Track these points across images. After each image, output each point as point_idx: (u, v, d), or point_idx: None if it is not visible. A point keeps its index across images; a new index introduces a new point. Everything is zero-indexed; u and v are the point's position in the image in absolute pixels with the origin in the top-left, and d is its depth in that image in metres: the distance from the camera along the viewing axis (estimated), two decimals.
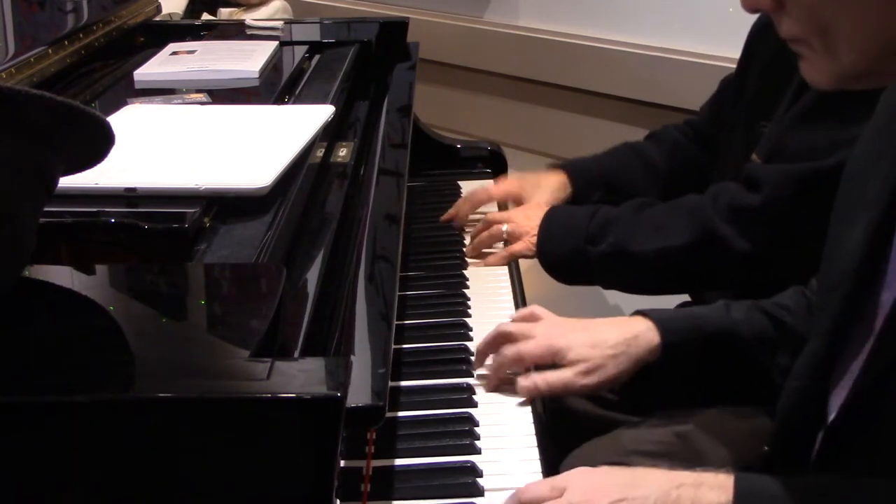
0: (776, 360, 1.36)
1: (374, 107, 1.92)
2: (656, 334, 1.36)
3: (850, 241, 1.11)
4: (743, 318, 1.38)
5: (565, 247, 1.69)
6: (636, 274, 1.67)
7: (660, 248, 1.62)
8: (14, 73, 1.47)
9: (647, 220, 1.66)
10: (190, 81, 1.74)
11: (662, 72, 2.40)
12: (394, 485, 1.20)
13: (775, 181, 1.54)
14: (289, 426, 0.87)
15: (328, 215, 1.41)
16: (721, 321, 1.38)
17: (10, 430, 0.85)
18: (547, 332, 1.40)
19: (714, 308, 1.41)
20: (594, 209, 1.71)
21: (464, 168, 2.17)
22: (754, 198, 1.56)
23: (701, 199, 1.65)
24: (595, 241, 1.66)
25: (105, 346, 0.96)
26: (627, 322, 1.40)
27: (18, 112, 0.94)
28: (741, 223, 1.57)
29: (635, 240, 1.64)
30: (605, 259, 1.66)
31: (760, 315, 1.38)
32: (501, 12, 2.79)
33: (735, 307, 1.40)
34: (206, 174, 1.28)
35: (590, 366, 1.35)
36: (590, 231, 1.67)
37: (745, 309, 1.39)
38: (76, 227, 1.17)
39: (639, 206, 1.69)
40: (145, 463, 0.86)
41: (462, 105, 2.91)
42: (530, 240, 1.73)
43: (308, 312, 1.14)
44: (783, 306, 1.38)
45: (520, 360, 1.39)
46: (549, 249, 1.71)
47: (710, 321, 1.38)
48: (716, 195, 1.62)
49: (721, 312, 1.39)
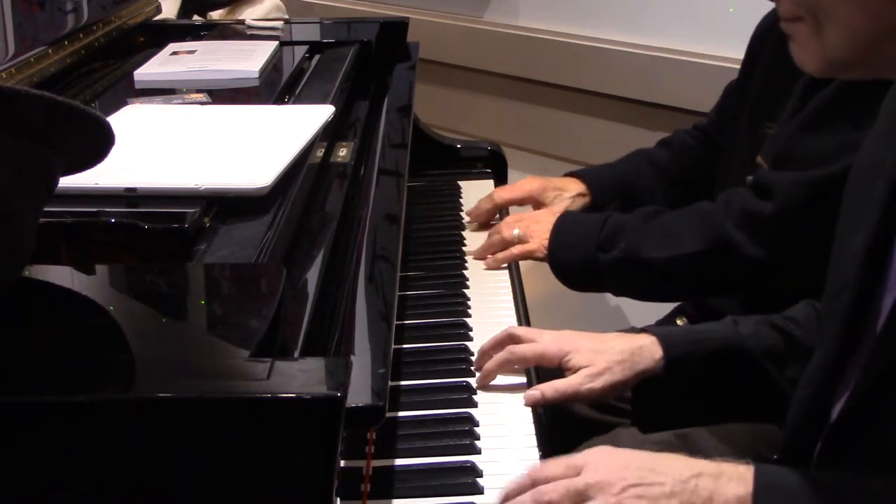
0: (786, 374, 1.35)
1: (374, 107, 1.92)
2: (659, 348, 1.36)
3: (854, 247, 1.11)
4: (751, 333, 1.37)
5: (577, 254, 1.68)
6: (648, 280, 1.67)
7: (671, 256, 1.62)
8: (14, 73, 1.47)
9: (659, 227, 1.66)
10: (190, 81, 1.74)
11: (662, 72, 2.40)
12: (394, 484, 1.20)
13: (787, 188, 1.53)
14: (289, 426, 0.87)
15: (328, 215, 1.41)
16: (728, 336, 1.38)
17: (10, 430, 0.85)
18: (555, 336, 1.40)
19: (721, 323, 1.41)
20: (605, 216, 1.71)
21: (464, 168, 2.17)
22: (766, 205, 1.56)
23: (713, 205, 1.64)
24: (606, 249, 1.66)
25: (105, 346, 0.96)
26: (633, 336, 1.40)
27: (18, 112, 0.94)
28: (754, 230, 1.57)
29: (647, 247, 1.64)
30: (616, 266, 1.65)
31: (769, 329, 1.38)
32: (501, 12, 2.79)
33: (743, 322, 1.39)
34: (205, 174, 1.28)
35: (595, 370, 1.34)
36: (601, 238, 1.67)
37: (754, 323, 1.38)
38: (76, 227, 1.17)
39: (650, 214, 1.69)
40: (145, 463, 0.86)
41: (462, 105, 2.91)
42: (542, 241, 1.73)
43: (308, 312, 1.14)
44: (792, 319, 1.38)
45: (524, 359, 1.39)
46: (561, 256, 1.71)
47: (716, 336, 1.38)
48: (728, 201, 1.62)
49: (728, 327, 1.39)
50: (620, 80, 2.49)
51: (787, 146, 1.56)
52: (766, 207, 1.56)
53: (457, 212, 1.97)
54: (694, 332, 1.42)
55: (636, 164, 1.94)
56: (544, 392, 1.34)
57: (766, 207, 1.56)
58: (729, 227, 1.59)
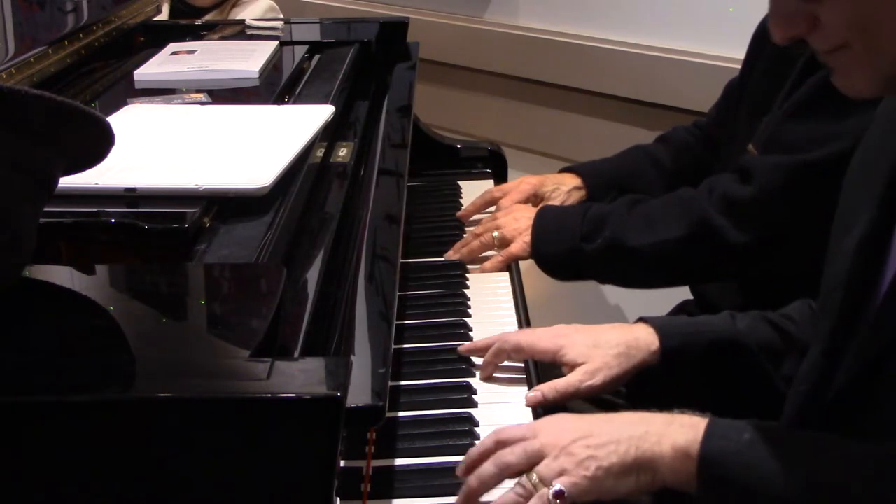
0: (780, 370, 1.36)
1: (374, 107, 1.92)
2: (656, 339, 1.37)
3: (848, 245, 1.12)
4: (747, 328, 1.38)
5: (560, 246, 1.69)
6: (633, 268, 1.68)
7: (655, 242, 1.63)
8: (14, 73, 1.47)
9: (641, 215, 1.67)
10: (190, 81, 1.74)
11: (662, 72, 2.40)
12: (394, 484, 1.20)
13: (767, 173, 1.55)
14: (289, 426, 0.87)
15: (328, 215, 1.41)
16: (724, 330, 1.39)
17: (11, 430, 0.85)
18: (551, 330, 1.41)
19: (719, 317, 1.42)
20: (586, 206, 1.73)
21: (464, 168, 2.17)
22: (747, 189, 1.57)
23: (695, 191, 1.66)
24: (590, 239, 1.67)
25: (105, 346, 0.96)
26: (629, 327, 1.41)
27: (19, 112, 0.94)
28: (735, 214, 1.58)
29: (630, 234, 1.65)
30: (601, 255, 1.66)
31: (765, 325, 1.39)
32: (501, 12, 2.79)
33: (740, 317, 1.40)
34: (205, 174, 1.28)
35: (593, 367, 1.35)
36: (584, 228, 1.68)
37: (750, 319, 1.40)
38: (76, 227, 1.17)
39: (632, 202, 1.70)
40: (145, 463, 0.86)
41: (462, 105, 2.91)
42: (524, 240, 1.73)
43: (308, 312, 1.14)
44: (788, 317, 1.39)
45: (520, 349, 1.39)
46: (545, 250, 1.71)
47: (712, 329, 1.39)
48: (710, 187, 1.63)
49: (725, 322, 1.40)
50: (620, 80, 2.49)
51: (775, 132, 1.58)
52: (747, 192, 1.57)
53: (457, 212, 1.97)
54: (691, 324, 1.42)
55: (634, 159, 1.94)
56: (545, 393, 1.35)
57: (746, 192, 1.57)
58: (711, 211, 1.60)
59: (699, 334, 1.38)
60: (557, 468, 1.11)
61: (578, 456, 1.11)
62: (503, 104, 2.82)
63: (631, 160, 1.94)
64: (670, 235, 1.63)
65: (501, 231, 1.75)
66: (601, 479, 1.11)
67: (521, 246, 1.73)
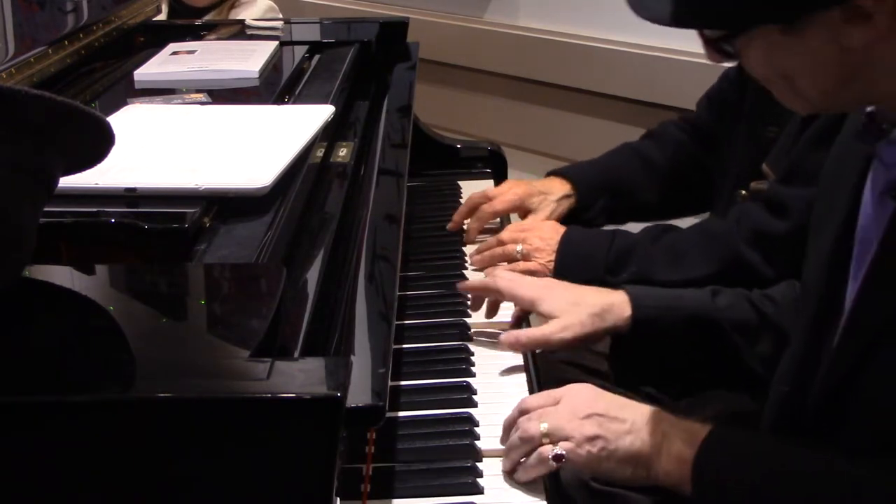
0: (754, 349, 1.41)
1: (374, 107, 1.92)
2: (629, 307, 1.42)
3: (822, 246, 1.14)
4: (726, 305, 1.43)
5: (584, 275, 1.63)
6: None
7: (683, 279, 1.58)
8: (14, 73, 1.47)
9: (668, 249, 1.63)
10: (190, 81, 1.74)
11: (662, 72, 2.40)
12: (394, 484, 1.20)
13: (802, 207, 1.50)
14: (289, 426, 0.87)
15: (328, 215, 1.41)
16: (701, 305, 1.43)
17: (11, 430, 0.85)
18: (537, 280, 1.52)
19: (700, 291, 1.45)
20: (612, 236, 1.69)
21: (464, 168, 2.16)
22: (780, 224, 1.54)
23: (723, 224, 1.62)
24: (615, 272, 1.64)
25: (105, 346, 0.96)
26: (610, 292, 1.47)
27: (18, 112, 0.94)
28: (767, 249, 1.55)
29: (657, 270, 1.61)
30: None
31: (745, 303, 1.42)
32: (501, 12, 2.79)
33: (723, 294, 1.44)
34: (205, 174, 1.28)
35: (566, 322, 1.42)
36: (609, 261, 1.64)
37: (732, 296, 1.43)
38: (76, 227, 1.17)
39: (658, 234, 1.67)
40: (145, 463, 0.86)
41: (462, 105, 2.91)
42: (546, 261, 1.69)
43: (308, 312, 1.14)
44: (769, 297, 1.42)
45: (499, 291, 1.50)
46: (568, 278, 1.65)
47: (689, 303, 1.44)
48: (738, 219, 1.59)
49: (705, 297, 1.44)
50: (620, 80, 2.49)
51: (798, 161, 1.54)
52: (780, 226, 1.54)
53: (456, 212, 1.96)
54: (668, 296, 1.46)
55: (623, 159, 1.91)
56: (519, 337, 1.43)
57: (779, 226, 1.54)
58: (742, 247, 1.56)
59: (675, 308, 1.43)
60: (566, 433, 1.18)
61: (590, 431, 1.17)
62: (503, 104, 2.83)
63: (621, 161, 1.90)
64: (699, 273, 1.58)
65: (526, 247, 1.72)
66: (602, 460, 1.17)
67: (544, 267, 1.69)
